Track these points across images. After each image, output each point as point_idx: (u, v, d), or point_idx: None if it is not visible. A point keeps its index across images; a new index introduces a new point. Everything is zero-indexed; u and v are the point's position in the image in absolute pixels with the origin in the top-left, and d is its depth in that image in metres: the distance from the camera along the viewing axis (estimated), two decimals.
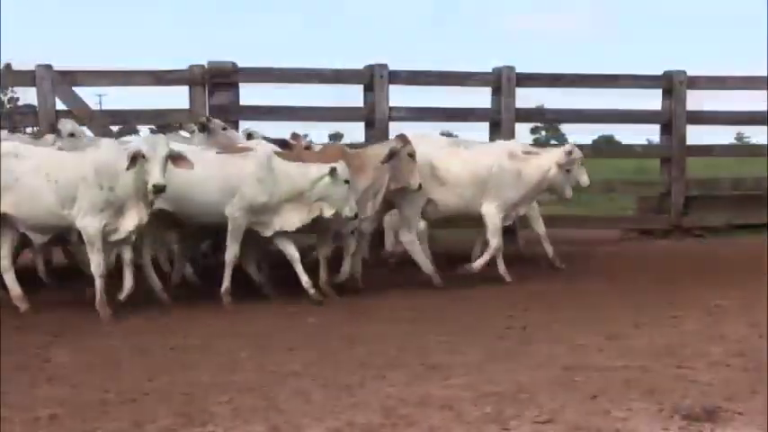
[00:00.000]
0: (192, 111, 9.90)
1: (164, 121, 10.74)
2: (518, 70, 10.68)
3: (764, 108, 11.73)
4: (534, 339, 6.09)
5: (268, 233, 7.53)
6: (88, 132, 9.07)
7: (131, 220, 6.94)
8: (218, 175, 7.36)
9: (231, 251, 7.43)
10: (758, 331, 6.25)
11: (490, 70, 10.78)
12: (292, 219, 7.47)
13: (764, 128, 11.98)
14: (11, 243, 7.27)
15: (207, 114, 9.55)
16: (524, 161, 8.55)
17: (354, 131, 10.24)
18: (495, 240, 8.43)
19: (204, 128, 8.58)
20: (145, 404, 4.59)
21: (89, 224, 6.86)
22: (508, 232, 9.24)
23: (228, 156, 7.54)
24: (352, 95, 10.72)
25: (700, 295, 7.63)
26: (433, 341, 6.05)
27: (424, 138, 8.60)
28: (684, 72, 11.16)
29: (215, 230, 7.83)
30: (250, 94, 10.57)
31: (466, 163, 8.49)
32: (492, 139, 10.34)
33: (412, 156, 7.92)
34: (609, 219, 12.53)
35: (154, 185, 6.60)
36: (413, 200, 8.24)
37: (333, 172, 7.32)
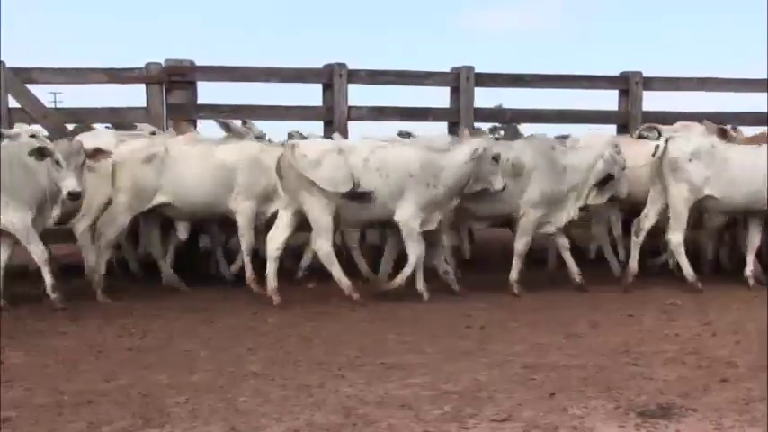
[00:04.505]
0: (149, 109, 9.80)
1: (120, 120, 10.64)
2: (477, 70, 10.69)
3: (721, 109, 11.85)
4: (493, 339, 6.13)
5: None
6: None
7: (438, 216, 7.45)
8: None
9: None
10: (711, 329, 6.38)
11: (449, 70, 10.79)
12: None
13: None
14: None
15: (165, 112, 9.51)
16: None
17: (313, 130, 10.12)
18: None
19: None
20: (101, 406, 4.55)
21: (410, 218, 7.33)
22: None
23: None
24: (312, 94, 10.67)
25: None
26: (393, 341, 6.07)
27: None
28: (640, 73, 11.23)
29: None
30: (208, 93, 10.47)
31: None
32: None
33: None
34: None
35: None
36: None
37: None
